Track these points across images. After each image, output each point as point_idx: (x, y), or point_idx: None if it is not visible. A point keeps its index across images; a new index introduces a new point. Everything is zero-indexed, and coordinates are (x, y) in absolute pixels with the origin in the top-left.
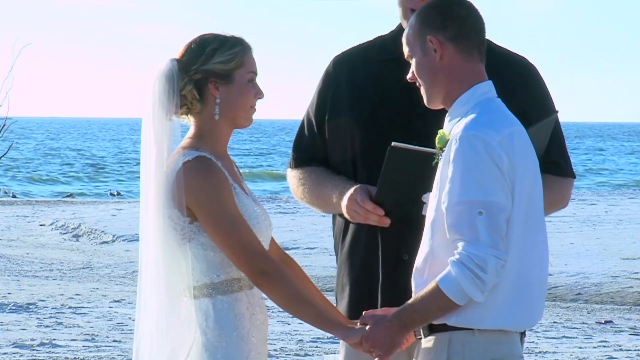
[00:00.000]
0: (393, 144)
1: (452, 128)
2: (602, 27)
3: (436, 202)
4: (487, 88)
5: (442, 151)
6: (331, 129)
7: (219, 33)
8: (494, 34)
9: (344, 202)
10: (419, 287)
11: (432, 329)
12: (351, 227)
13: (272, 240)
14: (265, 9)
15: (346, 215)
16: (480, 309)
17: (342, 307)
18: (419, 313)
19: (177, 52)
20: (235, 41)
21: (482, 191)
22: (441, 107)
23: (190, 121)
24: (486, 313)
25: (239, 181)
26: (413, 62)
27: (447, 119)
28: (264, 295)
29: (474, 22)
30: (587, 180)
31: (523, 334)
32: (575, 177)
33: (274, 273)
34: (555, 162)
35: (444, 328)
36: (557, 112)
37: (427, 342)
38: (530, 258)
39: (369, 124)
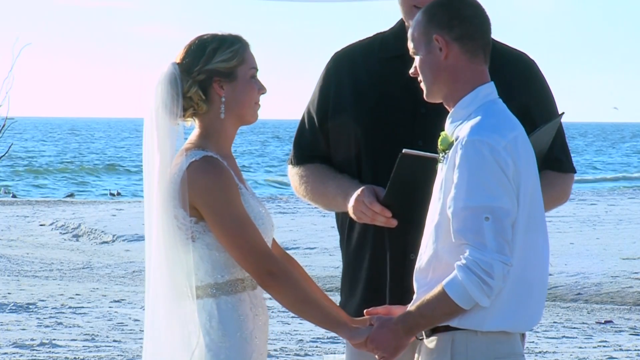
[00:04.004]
0: (404, 151)
1: (455, 130)
2: (603, 27)
3: (440, 206)
4: (489, 90)
5: (445, 153)
6: (334, 128)
7: (216, 33)
8: (493, 34)
9: (351, 203)
10: (422, 288)
11: (434, 330)
12: (357, 225)
13: (274, 240)
14: (265, 9)
15: (352, 216)
16: (483, 312)
17: (352, 306)
18: (425, 317)
19: (177, 55)
20: (233, 39)
21: (489, 196)
22: (440, 101)
23: (195, 123)
24: (488, 315)
25: (243, 181)
26: (417, 58)
27: (448, 120)
28: (266, 296)
29: (480, 22)
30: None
31: (523, 334)
32: (575, 172)
33: (280, 274)
34: (557, 159)
35: (447, 328)
36: (562, 114)
37: (430, 342)
38: (532, 260)
39: (372, 123)
